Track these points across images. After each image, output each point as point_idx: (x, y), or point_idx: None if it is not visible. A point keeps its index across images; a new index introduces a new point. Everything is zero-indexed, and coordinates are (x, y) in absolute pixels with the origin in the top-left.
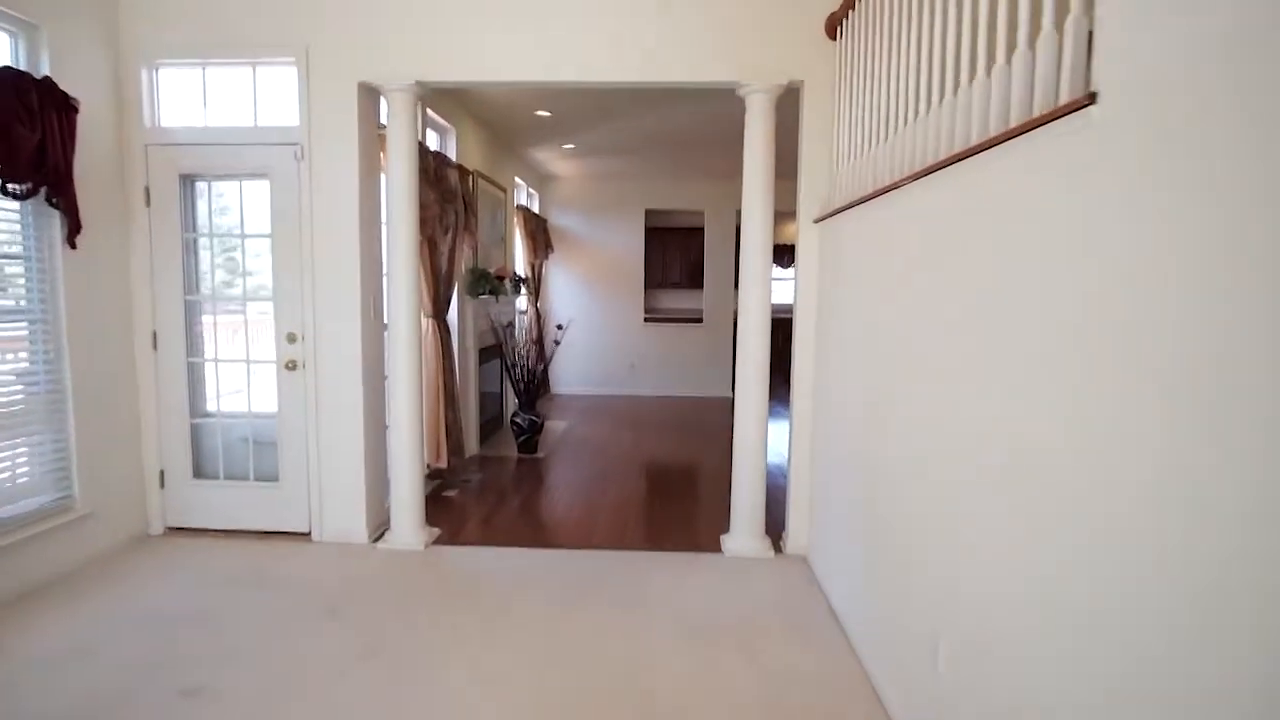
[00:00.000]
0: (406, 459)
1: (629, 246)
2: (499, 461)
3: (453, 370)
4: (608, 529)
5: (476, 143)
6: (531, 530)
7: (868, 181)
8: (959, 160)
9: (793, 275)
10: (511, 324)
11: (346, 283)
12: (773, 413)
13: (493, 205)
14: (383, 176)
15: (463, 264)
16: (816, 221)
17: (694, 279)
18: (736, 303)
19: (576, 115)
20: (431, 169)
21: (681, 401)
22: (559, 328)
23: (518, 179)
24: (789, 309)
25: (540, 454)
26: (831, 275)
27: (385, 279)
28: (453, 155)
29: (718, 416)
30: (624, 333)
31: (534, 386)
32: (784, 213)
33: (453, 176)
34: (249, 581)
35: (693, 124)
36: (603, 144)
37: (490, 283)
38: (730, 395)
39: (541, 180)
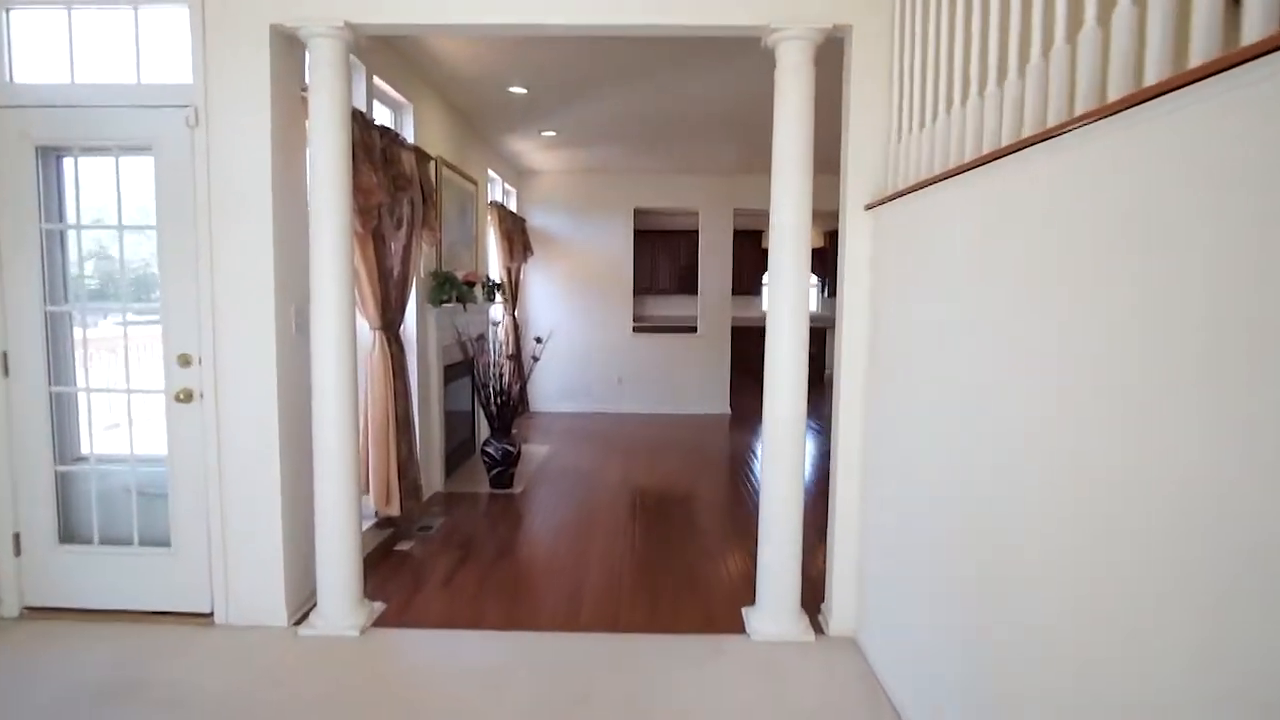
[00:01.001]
0: (338, 515)
1: (616, 249)
2: (468, 500)
3: (407, 394)
4: (599, 596)
5: (441, 126)
6: (502, 600)
7: (956, 151)
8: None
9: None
10: (483, 336)
11: (257, 288)
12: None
13: (461, 200)
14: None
15: (421, 266)
16: (869, 208)
17: (683, 284)
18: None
19: (556, 92)
20: (378, 147)
21: (675, 420)
22: (538, 341)
23: (492, 172)
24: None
25: (516, 489)
26: (895, 274)
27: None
28: (410, 136)
29: (716, 437)
30: (611, 344)
31: (509, 410)
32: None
33: (407, 160)
34: (125, 692)
35: (692, 103)
36: (587, 130)
37: (457, 288)
38: (729, 411)
39: (519, 176)
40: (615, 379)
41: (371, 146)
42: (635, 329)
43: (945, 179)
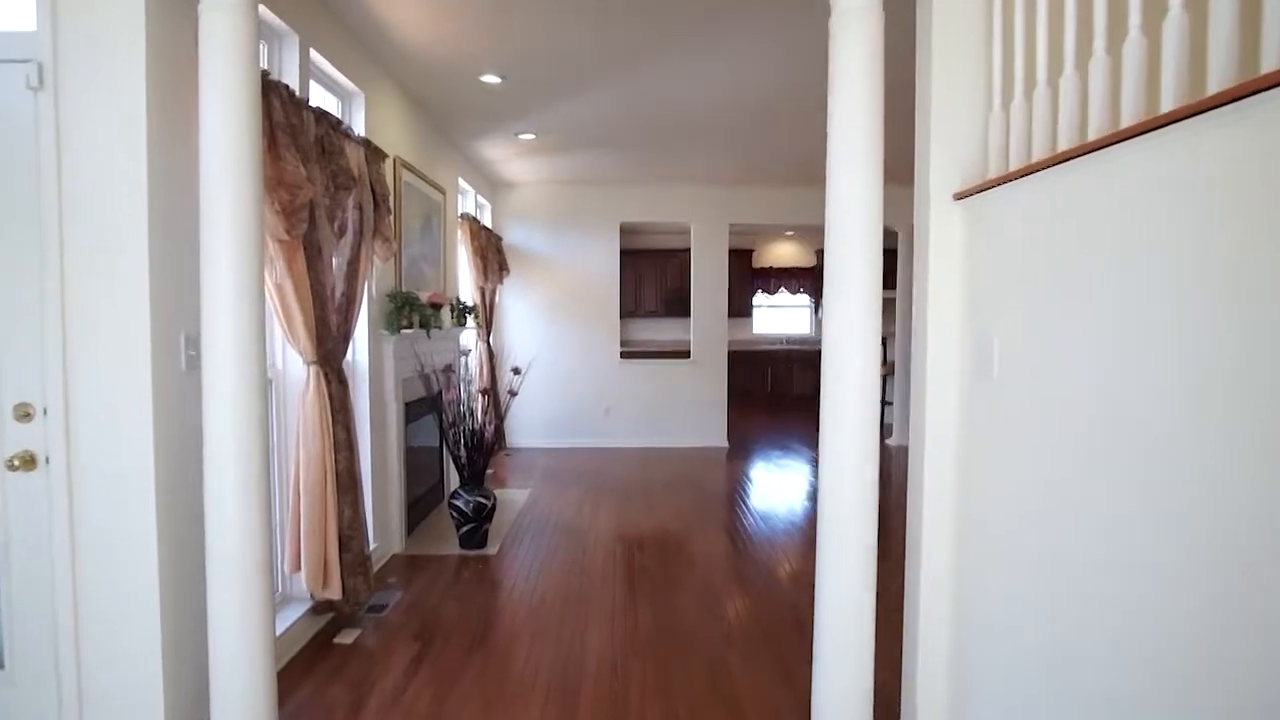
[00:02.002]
0: (241, 621)
1: (601, 267)
2: (432, 567)
3: (352, 445)
4: (598, 710)
5: (402, 123)
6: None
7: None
8: None
9: (801, 301)
10: (451, 368)
11: (127, 311)
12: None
13: (426, 210)
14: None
15: (374, 285)
16: (961, 197)
17: (671, 307)
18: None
19: (536, 84)
20: (312, 133)
21: (668, 454)
22: (515, 372)
23: (463, 182)
24: (779, 340)
25: (491, 549)
26: (1015, 282)
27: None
28: (360, 129)
29: (715, 472)
30: (597, 371)
31: (483, 455)
32: (768, 226)
33: (354, 154)
34: None
35: (689, 99)
36: (570, 131)
37: (419, 312)
38: (726, 444)
39: (493, 188)
40: (602, 410)
41: (300, 130)
42: (623, 355)
43: (1112, 145)
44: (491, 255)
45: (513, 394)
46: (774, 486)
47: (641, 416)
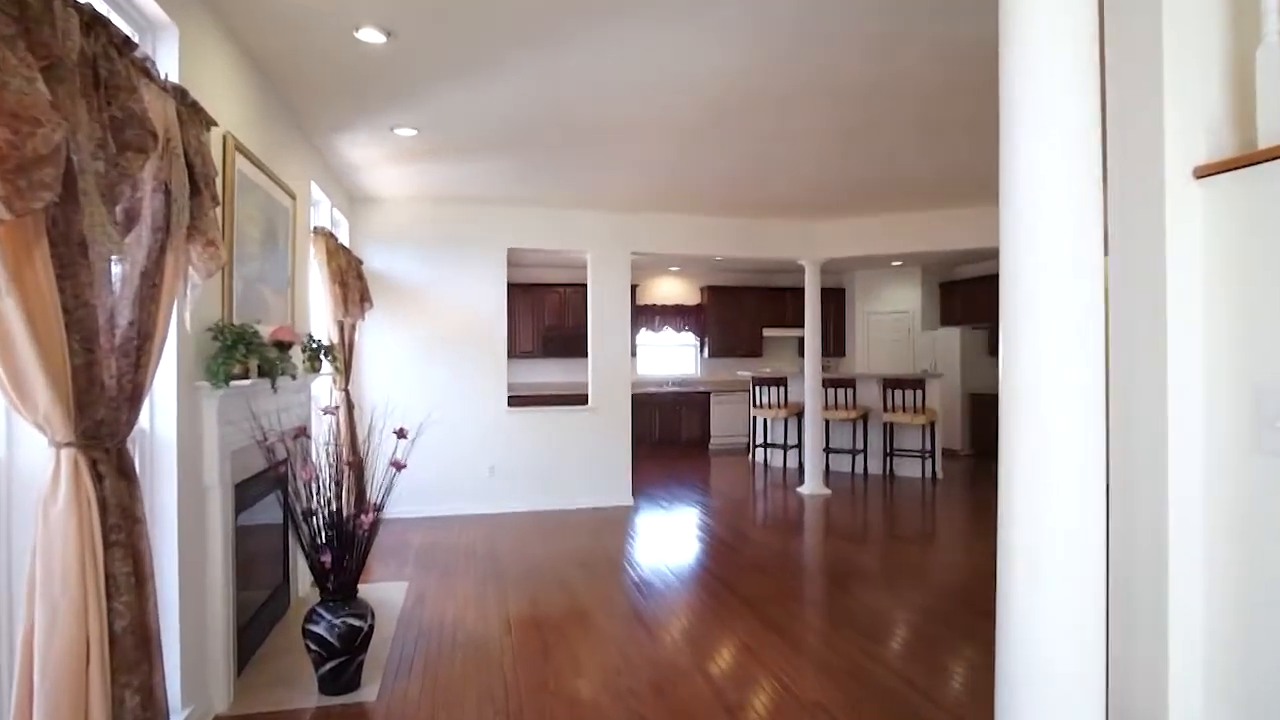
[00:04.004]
0: None
1: (485, 300)
2: None
3: (140, 581)
4: None
5: (238, 86)
6: None
7: None
8: None
9: (686, 340)
10: (306, 432)
11: None
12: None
13: (269, 215)
14: None
15: (189, 312)
16: (1204, 175)
17: (550, 347)
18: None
19: (434, 51)
20: (75, 42)
21: (566, 519)
22: (399, 436)
23: (317, 190)
24: (664, 381)
25: (367, 692)
26: None
27: None
28: (172, 77)
29: (628, 541)
30: (480, 423)
31: (355, 559)
32: (681, 257)
33: (158, 103)
34: None
35: (626, 83)
36: (463, 130)
37: (260, 354)
38: (630, 503)
39: (352, 202)
40: (486, 468)
41: (44, 22)
42: (511, 403)
43: None
44: (352, 281)
45: (398, 466)
46: (716, 556)
47: (532, 475)
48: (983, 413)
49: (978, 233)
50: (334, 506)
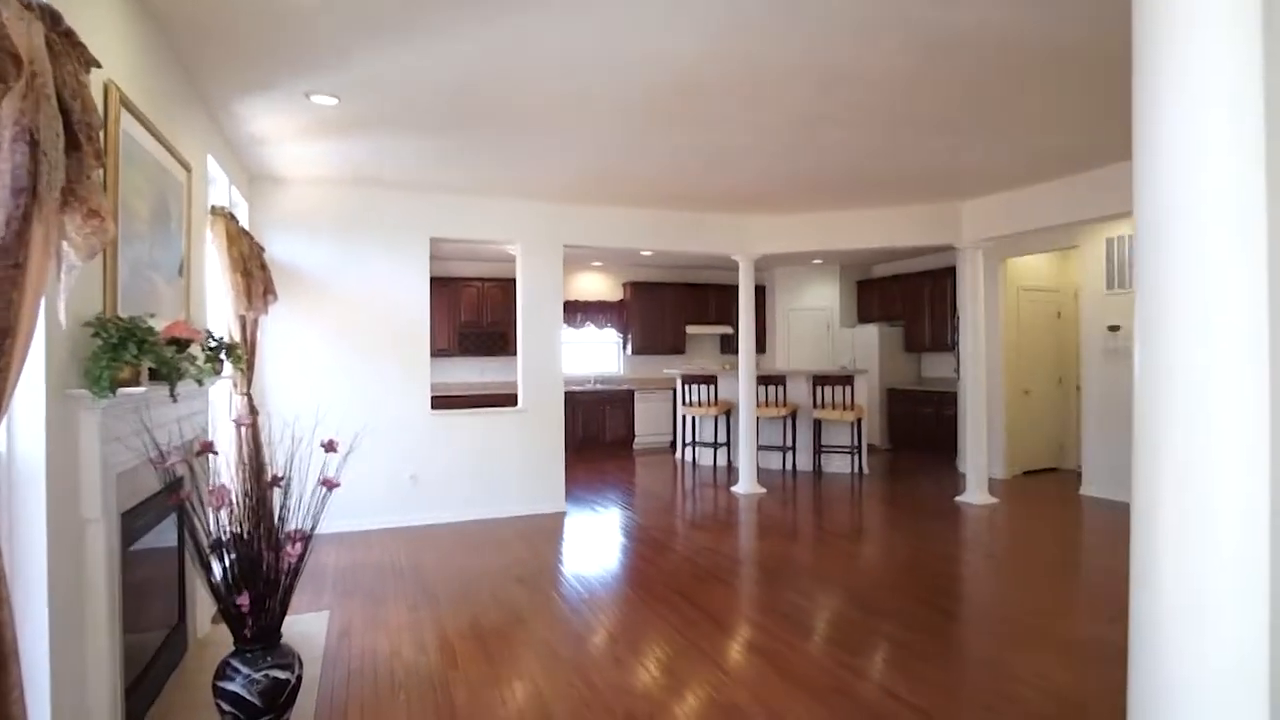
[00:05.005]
0: None
1: (406, 294)
2: None
3: (2, 657)
4: None
5: (121, 35)
6: None
7: None
8: None
9: (609, 337)
10: (211, 448)
11: None
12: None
13: (160, 189)
14: None
15: (60, 302)
16: None
17: (467, 345)
18: None
19: None
20: None
21: (496, 528)
22: (328, 449)
23: (215, 164)
24: (587, 380)
25: None
26: None
27: None
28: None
29: (559, 551)
30: (400, 426)
31: (278, 599)
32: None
33: (18, 24)
34: None
35: (580, 51)
36: (391, 99)
37: (154, 354)
38: (564, 509)
39: (253, 182)
40: (408, 478)
41: None
42: (434, 405)
43: None
44: (256, 271)
45: (329, 485)
46: (667, 566)
47: (459, 482)
48: (900, 407)
49: (918, 230)
50: (252, 538)
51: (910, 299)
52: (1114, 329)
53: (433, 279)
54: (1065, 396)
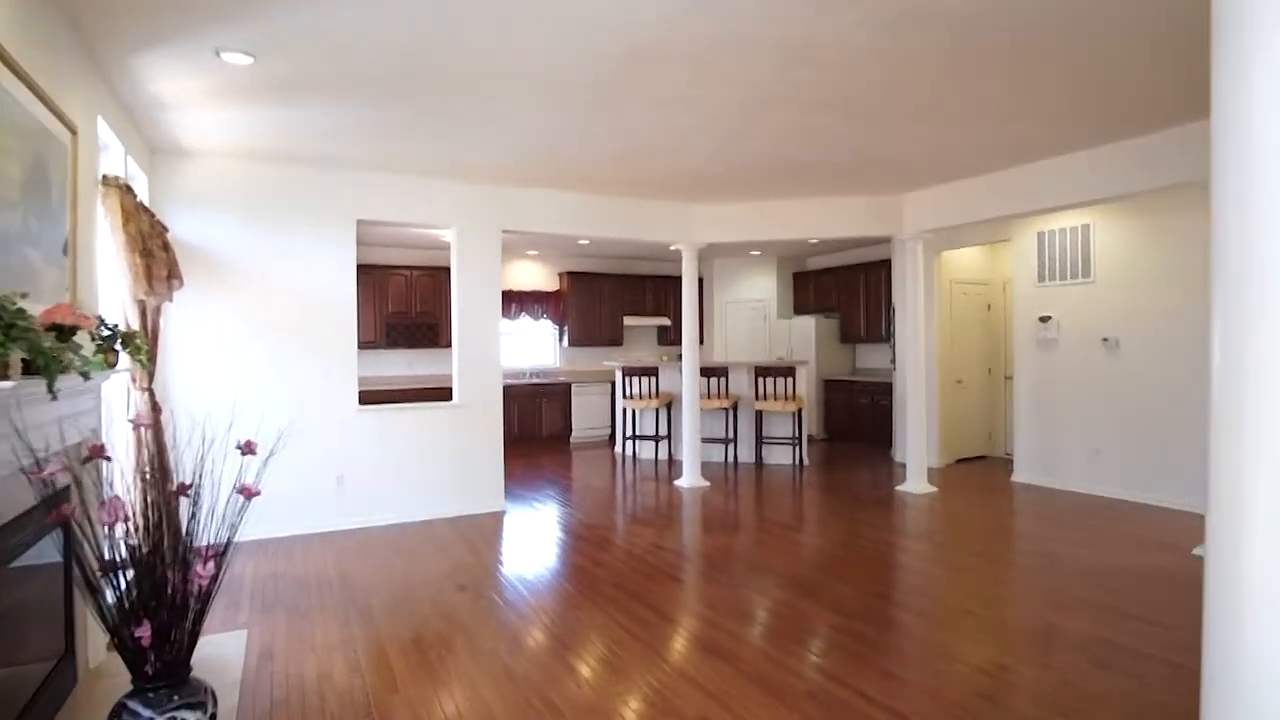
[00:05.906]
0: None
1: (329, 281)
2: None
3: None
4: None
5: None
6: None
7: None
8: None
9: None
10: (100, 449)
11: None
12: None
13: (36, 149)
14: None
15: None
16: None
17: (393, 337)
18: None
19: None
20: None
21: (431, 531)
22: (245, 451)
23: (106, 128)
24: (522, 373)
25: None
26: None
27: None
28: None
29: (500, 554)
30: (325, 424)
31: (186, 628)
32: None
33: None
34: None
35: (522, 16)
36: (316, 60)
37: (27, 341)
38: (504, 508)
39: (154, 154)
40: (334, 479)
41: None
42: (363, 400)
43: None
44: (158, 251)
45: (248, 494)
46: (618, 567)
47: (390, 483)
48: (837, 398)
49: (861, 221)
50: (153, 558)
51: (846, 291)
52: (1045, 319)
53: (358, 266)
54: (994, 386)
